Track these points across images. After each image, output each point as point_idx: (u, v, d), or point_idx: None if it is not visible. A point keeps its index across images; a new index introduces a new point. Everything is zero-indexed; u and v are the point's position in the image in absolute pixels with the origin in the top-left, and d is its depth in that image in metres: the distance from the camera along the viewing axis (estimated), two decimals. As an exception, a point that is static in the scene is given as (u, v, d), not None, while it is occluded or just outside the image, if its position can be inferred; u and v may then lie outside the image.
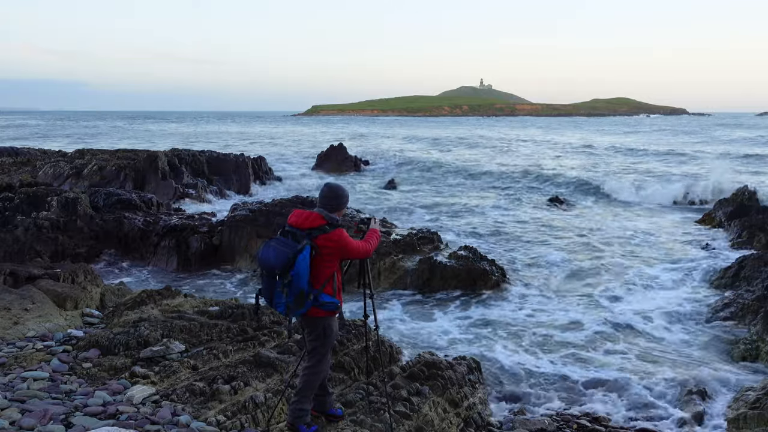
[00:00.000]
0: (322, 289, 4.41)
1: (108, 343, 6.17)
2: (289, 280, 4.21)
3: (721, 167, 27.41)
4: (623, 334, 8.89)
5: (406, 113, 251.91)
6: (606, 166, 32.42)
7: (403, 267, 11.52)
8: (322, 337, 4.58)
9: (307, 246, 4.30)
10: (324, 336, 4.58)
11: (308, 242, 4.31)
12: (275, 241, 4.35)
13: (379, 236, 4.91)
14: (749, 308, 9.08)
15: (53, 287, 7.83)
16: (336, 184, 4.76)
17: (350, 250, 4.52)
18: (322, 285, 4.41)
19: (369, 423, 4.92)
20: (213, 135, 72.80)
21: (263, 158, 27.96)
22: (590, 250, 14.13)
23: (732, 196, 18.26)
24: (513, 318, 9.66)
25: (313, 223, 4.41)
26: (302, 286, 4.26)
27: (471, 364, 6.68)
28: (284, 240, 4.34)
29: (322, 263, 4.40)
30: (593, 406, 6.71)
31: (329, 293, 4.47)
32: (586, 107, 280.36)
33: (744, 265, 10.88)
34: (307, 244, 4.30)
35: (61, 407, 4.78)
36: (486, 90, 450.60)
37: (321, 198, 4.60)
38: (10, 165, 23.20)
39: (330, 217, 4.50)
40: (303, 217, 4.44)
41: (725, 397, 6.81)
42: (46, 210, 13.93)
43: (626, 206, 21.36)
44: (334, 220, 4.51)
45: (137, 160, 21.20)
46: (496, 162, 35.33)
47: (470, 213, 19.66)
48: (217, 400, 5.21)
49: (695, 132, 73.65)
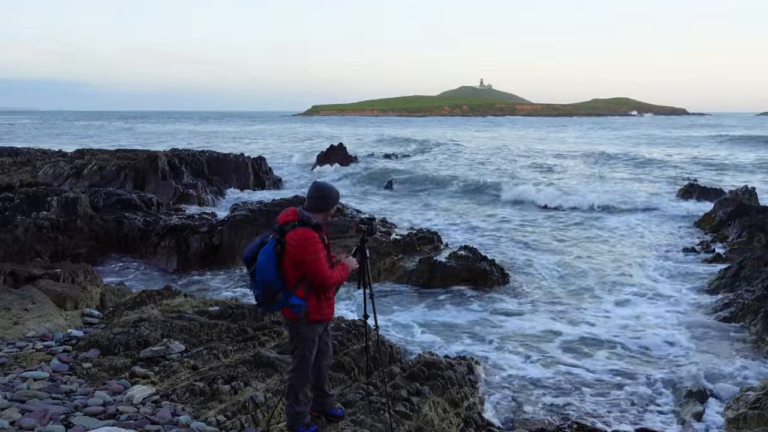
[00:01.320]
0: (294, 290, 4.32)
1: (108, 343, 6.17)
2: (253, 271, 4.27)
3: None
4: (623, 335, 8.88)
5: (406, 113, 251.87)
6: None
7: (403, 267, 11.52)
8: (292, 339, 4.53)
9: (271, 240, 4.28)
10: (292, 339, 4.51)
11: (274, 236, 4.29)
12: (260, 236, 4.43)
13: (346, 275, 4.48)
14: (749, 308, 9.08)
15: (53, 287, 7.84)
16: (324, 183, 4.60)
17: (305, 258, 4.20)
18: (294, 286, 4.32)
19: (369, 423, 4.92)
20: (213, 135, 72.80)
21: (263, 158, 27.96)
22: (589, 250, 14.12)
23: (732, 196, 18.25)
24: (513, 318, 9.65)
25: (286, 219, 4.36)
26: (267, 280, 4.22)
27: (471, 364, 6.69)
28: (266, 235, 4.39)
29: (288, 261, 4.29)
30: (593, 406, 6.71)
31: (299, 295, 4.32)
32: (586, 107, 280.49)
33: (744, 266, 10.87)
34: (272, 238, 4.28)
35: (61, 407, 4.78)
36: (486, 90, 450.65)
37: (308, 197, 4.49)
38: (10, 165, 23.20)
39: (303, 214, 4.32)
40: (285, 213, 4.45)
41: (725, 397, 6.81)
42: (46, 210, 13.93)
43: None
44: (307, 218, 4.31)
45: (137, 160, 21.20)
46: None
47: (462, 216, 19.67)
48: (217, 400, 5.21)
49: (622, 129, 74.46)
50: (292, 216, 4.34)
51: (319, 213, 4.43)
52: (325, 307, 4.46)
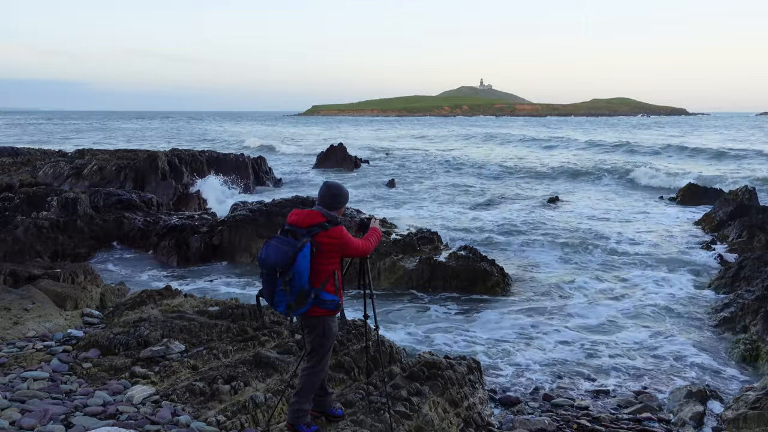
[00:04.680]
0: (322, 288, 4.41)
1: (108, 343, 6.16)
2: (290, 278, 4.21)
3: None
4: (623, 335, 8.88)
5: (406, 113, 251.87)
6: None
7: (403, 267, 11.52)
8: (321, 336, 4.56)
9: (308, 243, 4.30)
10: (323, 336, 4.57)
11: (309, 240, 4.31)
12: (276, 240, 4.35)
13: (380, 235, 4.93)
14: (749, 308, 9.08)
15: (53, 287, 7.84)
16: (335, 183, 4.74)
17: (351, 247, 4.53)
18: (322, 283, 4.41)
19: (369, 423, 4.92)
20: (213, 134, 72.79)
21: (263, 158, 27.98)
22: (588, 250, 14.12)
23: (732, 196, 18.24)
24: (512, 318, 9.65)
25: (313, 221, 4.41)
26: (303, 284, 4.26)
27: (471, 364, 6.68)
28: (285, 239, 4.33)
29: (323, 261, 4.40)
30: (593, 406, 6.71)
31: (330, 291, 4.47)
32: (586, 107, 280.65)
33: (744, 266, 10.87)
34: (308, 242, 4.30)
35: (61, 407, 4.78)
36: (486, 90, 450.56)
37: (320, 197, 4.61)
38: (10, 165, 23.21)
39: (329, 214, 4.50)
40: (303, 215, 4.45)
41: (725, 397, 6.81)
42: (46, 210, 13.93)
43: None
44: (334, 217, 4.52)
45: (137, 160, 21.20)
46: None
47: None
48: (217, 400, 5.21)
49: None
50: (319, 218, 4.44)
51: (336, 210, 4.61)
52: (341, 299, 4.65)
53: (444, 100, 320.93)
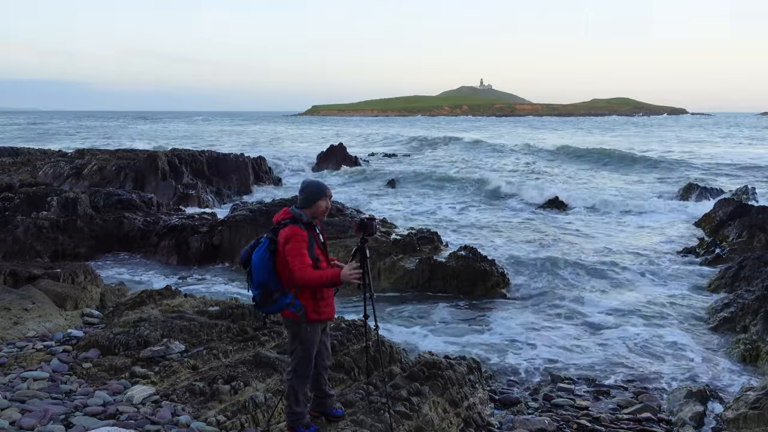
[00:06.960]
0: (290, 290, 4.30)
1: (108, 343, 6.16)
2: (249, 274, 4.29)
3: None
4: (623, 336, 8.88)
5: (406, 113, 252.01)
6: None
7: (404, 267, 11.52)
8: (291, 340, 4.50)
9: (265, 240, 4.30)
10: (292, 340, 4.47)
11: (268, 236, 4.31)
12: (257, 237, 4.44)
13: (331, 281, 4.25)
14: (749, 308, 9.07)
15: (53, 287, 7.83)
16: (308, 179, 4.66)
17: (288, 256, 4.20)
18: (290, 286, 4.30)
19: (369, 423, 4.92)
20: (212, 134, 72.76)
21: (263, 158, 27.98)
22: (588, 249, 14.12)
23: (732, 196, 18.24)
24: (512, 317, 9.65)
25: (279, 218, 4.41)
26: (263, 281, 4.23)
27: (471, 364, 6.68)
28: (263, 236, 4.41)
29: (282, 260, 4.29)
30: (593, 406, 6.71)
31: (296, 295, 4.31)
32: (586, 107, 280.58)
33: (744, 266, 10.87)
34: (266, 238, 4.30)
35: (61, 407, 4.78)
36: (486, 90, 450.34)
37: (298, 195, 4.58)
38: (10, 165, 23.21)
39: (295, 212, 4.38)
40: (278, 213, 4.48)
41: (725, 397, 6.81)
42: (46, 210, 13.93)
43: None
44: (298, 215, 4.35)
45: (137, 160, 21.20)
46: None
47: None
48: (217, 400, 5.21)
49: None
50: (284, 215, 4.40)
51: (306, 209, 4.43)
52: (323, 307, 4.42)
53: (444, 100, 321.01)
